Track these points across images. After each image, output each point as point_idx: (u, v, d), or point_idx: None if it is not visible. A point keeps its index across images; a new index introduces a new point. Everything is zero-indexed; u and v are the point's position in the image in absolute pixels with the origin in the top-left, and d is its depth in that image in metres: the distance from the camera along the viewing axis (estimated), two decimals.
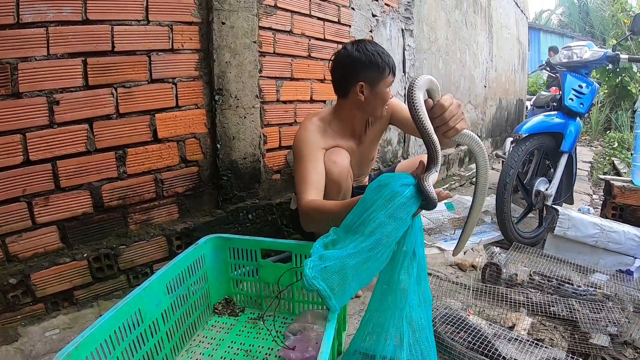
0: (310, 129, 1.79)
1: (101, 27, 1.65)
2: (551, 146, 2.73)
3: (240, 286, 1.75)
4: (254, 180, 2.22)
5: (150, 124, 1.83)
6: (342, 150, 1.79)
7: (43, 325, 1.58)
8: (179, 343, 1.43)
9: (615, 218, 2.67)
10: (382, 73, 1.72)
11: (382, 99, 1.77)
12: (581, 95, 2.73)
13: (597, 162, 5.95)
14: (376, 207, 1.05)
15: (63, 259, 1.64)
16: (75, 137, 1.64)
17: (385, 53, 1.74)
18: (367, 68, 1.72)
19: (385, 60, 1.72)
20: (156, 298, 1.32)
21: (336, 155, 1.74)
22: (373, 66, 1.72)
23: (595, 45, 2.95)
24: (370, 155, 2.05)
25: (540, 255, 2.33)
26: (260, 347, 1.49)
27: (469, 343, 1.48)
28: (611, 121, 8.70)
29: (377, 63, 1.71)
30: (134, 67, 1.75)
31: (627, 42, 7.73)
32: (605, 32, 12.91)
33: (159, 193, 1.91)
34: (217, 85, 1.98)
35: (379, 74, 1.72)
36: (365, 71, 1.73)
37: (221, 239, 1.68)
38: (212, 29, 1.92)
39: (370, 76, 1.73)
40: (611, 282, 2.04)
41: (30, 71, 1.51)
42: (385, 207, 1.04)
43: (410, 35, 3.49)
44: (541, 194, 2.72)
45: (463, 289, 1.96)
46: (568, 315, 1.74)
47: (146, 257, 1.85)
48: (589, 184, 4.65)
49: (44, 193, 1.60)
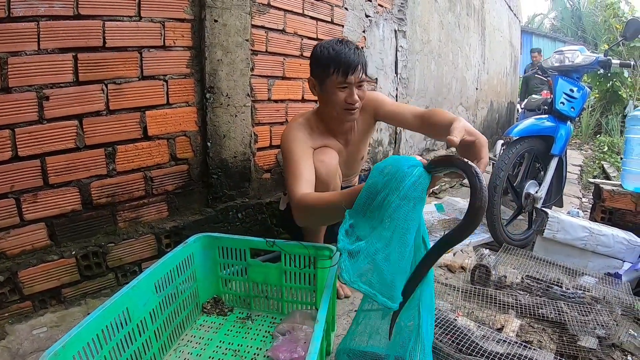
0: (297, 127, 1.78)
1: (92, 23, 1.63)
2: (542, 149, 2.74)
3: (229, 285, 1.74)
4: (244, 179, 2.21)
5: (140, 121, 1.82)
6: (330, 149, 1.79)
7: (30, 324, 1.56)
8: (167, 342, 1.42)
9: (605, 221, 2.70)
10: (326, 69, 1.68)
11: (330, 98, 1.73)
12: (572, 99, 2.74)
13: (587, 166, 6.00)
14: (389, 190, 1.02)
15: (51, 256, 1.63)
16: (64, 133, 1.63)
17: (341, 53, 1.66)
18: (315, 65, 1.74)
19: (332, 57, 1.66)
20: (144, 297, 1.31)
21: (324, 155, 1.73)
22: (319, 63, 1.71)
23: (587, 50, 2.97)
24: (358, 154, 2.04)
25: (529, 257, 2.34)
26: (249, 347, 1.49)
27: (457, 345, 1.48)
28: (601, 125, 8.77)
29: (322, 59, 1.69)
30: (125, 64, 1.74)
31: (619, 47, 7.80)
32: (597, 37, 13.02)
33: (149, 191, 1.90)
34: (209, 83, 1.97)
35: (322, 71, 1.69)
36: (313, 67, 1.76)
37: (210, 237, 1.67)
38: (205, 26, 1.91)
39: (317, 73, 1.73)
40: (600, 285, 2.05)
41: (20, 66, 1.49)
42: (398, 189, 1.00)
43: (403, 36, 3.50)
44: (531, 196, 2.73)
45: (452, 290, 1.96)
46: (557, 318, 1.75)
47: (135, 255, 1.84)
48: (578, 187, 4.68)
49: (32, 189, 1.59)
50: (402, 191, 1.00)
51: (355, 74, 1.67)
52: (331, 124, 1.85)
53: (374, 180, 1.06)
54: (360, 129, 1.95)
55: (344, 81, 1.67)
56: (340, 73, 1.66)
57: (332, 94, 1.71)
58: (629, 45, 7.85)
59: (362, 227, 1.08)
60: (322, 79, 1.71)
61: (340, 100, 1.70)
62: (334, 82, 1.68)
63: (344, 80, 1.67)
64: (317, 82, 1.75)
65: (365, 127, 1.96)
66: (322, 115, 1.85)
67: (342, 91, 1.70)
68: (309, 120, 1.84)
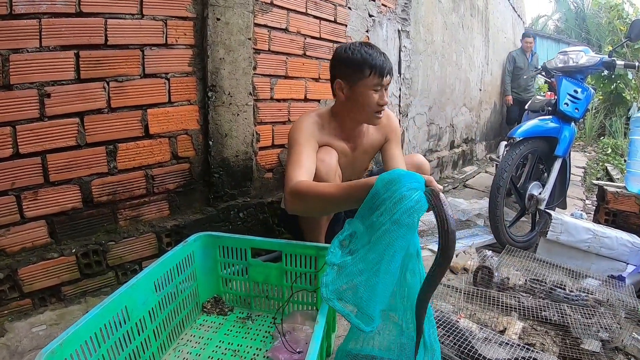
0: (308, 121, 1.79)
1: (94, 20, 1.63)
2: (545, 150, 2.73)
3: (230, 285, 1.73)
4: (246, 179, 2.20)
5: (142, 119, 1.81)
6: (331, 149, 1.78)
7: (30, 321, 1.56)
8: (166, 342, 1.42)
9: (608, 224, 2.68)
10: (361, 72, 1.69)
11: (362, 100, 1.73)
12: (576, 100, 2.73)
13: (591, 168, 5.97)
14: (384, 210, 1.00)
15: (51, 254, 1.62)
16: (65, 130, 1.62)
17: (373, 55, 1.70)
18: (345, 66, 1.72)
19: (367, 59, 1.68)
20: (143, 296, 1.31)
21: (324, 154, 1.74)
22: (351, 64, 1.70)
23: (591, 51, 2.95)
24: (363, 165, 2.06)
25: (532, 259, 2.33)
26: (249, 347, 1.48)
27: (459, 347, 1.47)
28: (605, 127, 8.75)
29: (356, 61, 1.69)
30: (126, 61, 1.73)
31: (623, 49, 7.77)
32: (601, 38, 12.97)
33: (150, 189, 1.89)
34: (211, 81, 1.97)
35: (357, 72, 1.69)
36: (343, 69, 1.73)
37: (211, 237, 1.66)
38: (207, 24, 1.91)
39: (348, 74, 1.72)
40: (603, 288, 2.04)
41: (21, 63, 1.49)
42: (391, 211, 0.98)
43: (407, 36, 3.49)
44: (534, 198, 2.72)
45: (454, 292, 1.95)
46: (559, 320, 1.73)
47: (135, 253, 1.83)
48: (582, 189, 4.66)
49: (33, 187, 1.58)
50: (395, 215, 0.98)
51: (388, 77, 1.72)
52: (346, 125, 1.85)
53: (377, 191, 1.05)
54: (372, 139, 1.95)
55: (380, 82, 1.70)
56: (377, 74, 1.68)
57: (365, 95, 1.72)
58: (633, 46, 7.82)
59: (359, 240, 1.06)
60: (354, 81, 1.71)
61: (374, 101, 1.73)
62: (369, 84, 1.70)
63: (380, 81, 1.70)
64: (347, 83, 1.74)
65: (376, 140, 1.98)
66: (339, 115, 1.85)
67: (376, 93, 1.72)
68: (322, 117, 1.84)
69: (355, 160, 1.96)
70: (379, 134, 1.97)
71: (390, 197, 1.00)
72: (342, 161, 1.87)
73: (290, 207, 1.44)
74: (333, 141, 1.83)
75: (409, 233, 1.00)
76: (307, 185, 1.40)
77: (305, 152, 1.64)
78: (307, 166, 1.59)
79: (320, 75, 2.59)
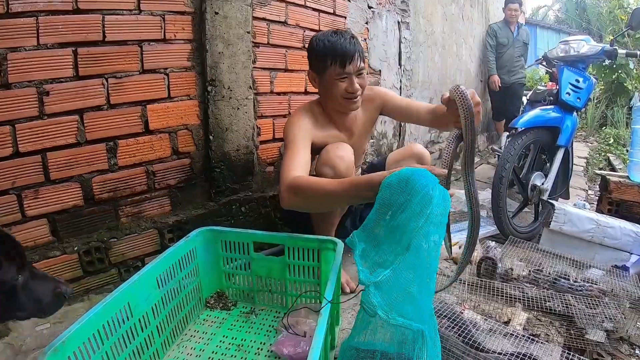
0: (302, 115, 1.78)
1: (92, 17, 1.62)
2: (547, 140, 2.72)
3: (233, 280, 1.73)
4: (247, 173, 2.20)
5: (141, 115, 1.81)
6: (344, 144, 1.77)
7: (33, 320, 1.55)
8: (169, 337, 1.42)
9: (611, 213, 2.67)
10: (324, 62, 1.70)
11: (331, 89, 1.74)
12: (578, 90, 2.72)
13: (593, 158, 5.95)
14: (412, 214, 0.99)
15: (53, 252, 1.62)
16: (65, 128, 1.62)
17: (336, 44, 1.68)
18: (311, 57, 1.76)
19: (327, 49, 1.68)
20: (146, 292, 1.30)
21: (342, 150, 1.72)
22: (315, 55, 1.73)
23: (592, 40, 2.93)
24: (361, 148, 2.05)
25: (535, 250, 2.32)
26: (252, 342, 1.48)
27: (463, 338, 1.46)
28: (607, 117, 8.70)
29: (319, 52, 1.71)
30: (125, 58, 1.73)
31: (624, 38, 7.72)
32: (602, 28, 12.90)
33: (151, 185, 1.89)
34: (210, 76, 1.96)
35: (320, 63, 1.71)
36: (311, 60, 1.78)
37: (213, 231, 1.65)
38: (205, 18, 1.90)
39: (315, 65, 1.75)
40: (607, 278, 2.03)
41: (19, 61, 1.49)
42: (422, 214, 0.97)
43: (407, 27, 3.46)
44: (537, 188, 2.71)
45: (458, 283, 1.95)
46: (564, 311, 1.73)
47: (138, 250, 1.83)
48: (584, 179, 4.65)
49: (33, 185, 1.58)
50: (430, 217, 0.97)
51: (353, 64, 1.69)
52: (334, 116, 1.85)
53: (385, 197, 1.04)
54: (364, 121, 1.94)
55: (343, 72, 1.69)
56: (338, 64, 1.67)
57: (332, 85, 1.72)
58: (634, 35, 7.76)
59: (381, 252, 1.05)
60: (321, 72, 1.73)
61: (341, 90, 1.72)
62: (332, 74, 1.70)
63: (343, 70, 1.69)
64: (317, 74, 1.76)
65: (369, 119, 1.96)
66: (325, 107, 1.85)
67: (342, 82, 1.72)
68: (313, 111, 1.84)
69: (354, 147, 1.93)
70: (369, 109, 1.95)
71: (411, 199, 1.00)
72: None
73: (287, 203, 1.43)
74: (329, 132, 1.83)
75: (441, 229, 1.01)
76: (307, 181, 1.39)
77: (301, 146, 1.63)
78: (304, 162, 1.57)
79: None
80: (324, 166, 1.70)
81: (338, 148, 1.72)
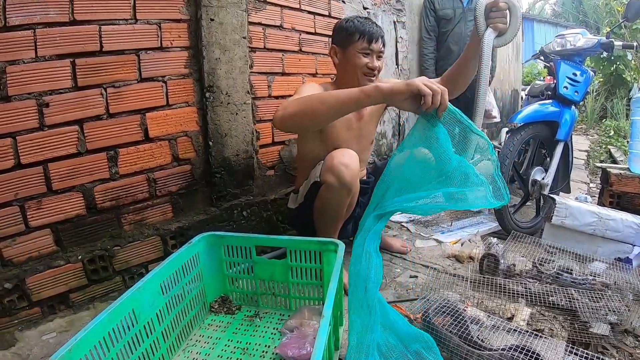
0: (315, 85, 1.84)
1: (89, 28, 1.64)
2: (547, 135, 2.72)
3: (236, 284, 1.73)
4: (248, 177, 2.21)
5: (141, 123, 1.82)
6: (349, 151, 1.75)
7: (40, 329, 1.57)
8: (175, 343, 1.42)
9: (613, 206, 2.67)
10: (351, 37, 1.82)
11: (352, 61, 1.85)
12: (576, 83, 2.72)
13: (594, 151, 5.94)
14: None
15: (58, 261, 1.63)
16: (66, 138, 1.63)
17: (365, 23, 1.83)
18: (338, 32, 1.89)
19: (357, 26, 1.82)
20: (150, 298, 1.31)
21: (347, 158, 1.71)
22: (343, 31, 1.85)
23: (589, 33, 2.93)
24: (370, 135, 2.07)
25: (538, 245, 2.32)
26: (257, 345, 1.48)
27: (466, 336, 1.47)
28: (607, 110, 8.69)
29: (348, 28, 1.83)
30: (123, 67, 1.74)
31: (621, 30, 7.71)
32: (599, 20, 12.88)
33: (152, 193, 1.90)
34: (208, 82, 1.97)
35: (348, 37, 1.83)
36: (337, 36, 1.89)
37: (215, 236, 1.66)
38: (201, 25, 1.91)
39: (340, 40, 1.87)
40: (610, 271, 2.03)
41: (18, 74, 1.50)
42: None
43: (403, 27, 3.47)
44: (538, 183, 2.71)
45: (461, 280, 1.95)
46: (567, 305, 1.73)
47: (141, 257, 1.84)
48: (585, 172, 4.64)
49: (36, 196, 1.59)
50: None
51: (377, 43, 1.84)
52: None
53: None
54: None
55: (368, 47, 1.83)
56: (365, 40, 1.82)
57: (355, 57, 1.84)
58: (631, 27, 7.76)
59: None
60: (346, 46, 1.85)
61: (362, 64, 1.84)
62: (357, 48, 1.82)
63: (368, 46, 1.82)
64: (340, 48, 1.88)
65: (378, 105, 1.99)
66: (338, 84, 1.94)
67: (365, 57, 1.84)
68: (325, 87, 1.90)
69: (362, 131, 2.00)
70: None
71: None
72: (349, 135, 1.92)
73: (281, 113, 1.48)
74: None
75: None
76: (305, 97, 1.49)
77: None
78: None
79: (317, 70, 2.59)
80: (328, 174, 1.70)
81: (343, 155, 1.72)
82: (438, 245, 2.44)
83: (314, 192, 1.81)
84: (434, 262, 2.21)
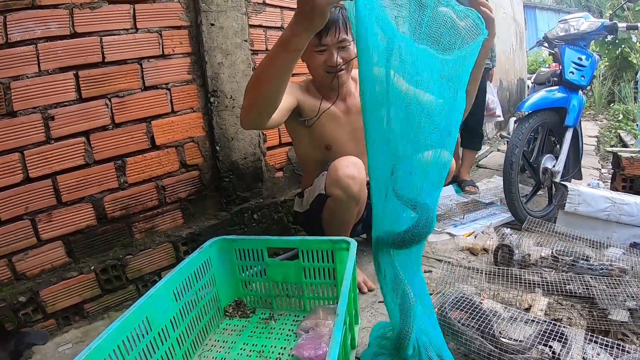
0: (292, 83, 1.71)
1: (90, 39, 1.64)
2: (555, 122, 2.69)
3: (250, 287, 1.73)
4: (257, 180, 2.21)
5: (147, 131, 1.82)
6: (354, 158, 1.69)
7: (56, 341, 1.58)
8: (190, 348, 1.42)
9: (626, 190, 2.63)
10: None
11: (310, 63, 1.72)
12: (581, 68, 2.69)
13: (603, 136, 5.88)
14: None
15: (71, 273, 1.64)
16: (73, 150, 1.64)
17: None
18: None
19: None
20: (163, 305, 1.31)
21: (352, 169, 1.64)
22: None
23: (591, 17, 2.90)
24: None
25: (552, 233, 2.30)
26: (273, 347, 1.48)
27: (483, 329, 1.45)
28: (614, 94, 8.59)
29: None
30: (126, 76, 1.74)
31: (624, 12, 7.64)
32: (602, 4, 12.75)
33: (162, 200, 1.90)
34: (212, 87, 1.97)
35: None
36: None
37: (226, 240, 1.66)
38: (202, 31, 1.91)
39: None
40: (626, 256, 2.00)
41: (23, 89, 1.51)
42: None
43: None
44: (549, 171, 2.68)
45: (476, 273, 1.93)
46: (585, 293, 1.70)
47: (154, 265, 1.85)
48: (596, 158, 4.59)
49: (46, 209, 1.61)
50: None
51: (330, 35, 1.62)
52: (322, 91, 1.82)
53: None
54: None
55: (319, 44, 1.63)
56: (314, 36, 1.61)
57: (310, 58, 1.70)
58: (634, 8, 7.68)
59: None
60: None
61: (320, 63, 1.69)
62: (310, 47, 1.61)
63: (319, 42, 1.63)
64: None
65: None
66: (315, 83, 1.84)
67: (320, 54, 1.67)
68: (306, 83, 1.84)
69: (353, 125, 1.84)
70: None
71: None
72: (340, 131, 1.83)
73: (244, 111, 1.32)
74: (319, 103, 1.79)
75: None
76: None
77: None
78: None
79: None
80: (334, 188, 1.65)
81: (347, 167, 1.65)
82: (451, 238, 2.42)
83: (320, 202, 1.75)
84: (447, 255, 2.20)
